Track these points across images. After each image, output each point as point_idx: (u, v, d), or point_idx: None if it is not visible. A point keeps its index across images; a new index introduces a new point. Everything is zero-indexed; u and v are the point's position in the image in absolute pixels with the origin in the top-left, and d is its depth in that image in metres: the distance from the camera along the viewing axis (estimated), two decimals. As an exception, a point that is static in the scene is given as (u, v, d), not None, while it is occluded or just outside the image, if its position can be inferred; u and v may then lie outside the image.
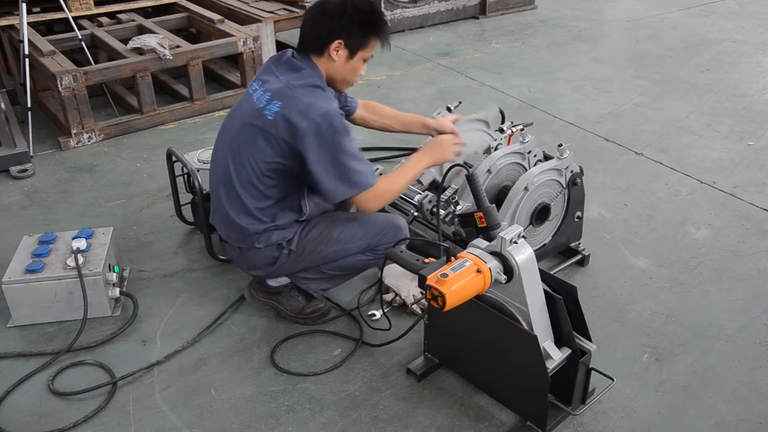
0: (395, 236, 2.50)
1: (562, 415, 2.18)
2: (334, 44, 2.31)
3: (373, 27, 2.36)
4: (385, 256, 2.26)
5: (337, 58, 2.34)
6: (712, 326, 2.64)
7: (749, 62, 5.51)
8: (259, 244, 2.46)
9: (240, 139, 2.38)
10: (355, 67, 2.41)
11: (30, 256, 2.68)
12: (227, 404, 2.31)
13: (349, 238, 2.49)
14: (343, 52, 2.34)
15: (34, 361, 2.48)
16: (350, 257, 2.53)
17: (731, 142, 4.16)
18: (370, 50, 2.41)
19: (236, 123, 2.43)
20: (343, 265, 2.55)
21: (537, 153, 2.91)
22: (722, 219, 3.35)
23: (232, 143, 2.42)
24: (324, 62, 2.36)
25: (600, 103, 4.73)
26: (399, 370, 2.44)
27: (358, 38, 2.34)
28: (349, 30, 2.31)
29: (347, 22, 2.30)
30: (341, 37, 2.31)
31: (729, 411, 2.27)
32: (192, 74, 4.45)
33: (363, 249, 2.52)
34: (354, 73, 2.44)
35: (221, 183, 2.47)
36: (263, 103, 2.32)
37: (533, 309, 2.01)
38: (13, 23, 4.65)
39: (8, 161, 3.82)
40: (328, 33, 2.31)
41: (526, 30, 6.38)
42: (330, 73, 2.39)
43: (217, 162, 2.52)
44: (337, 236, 2.48)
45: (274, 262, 2.51)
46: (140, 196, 3.58)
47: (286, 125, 2.26)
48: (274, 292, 2.64)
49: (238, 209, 2.42)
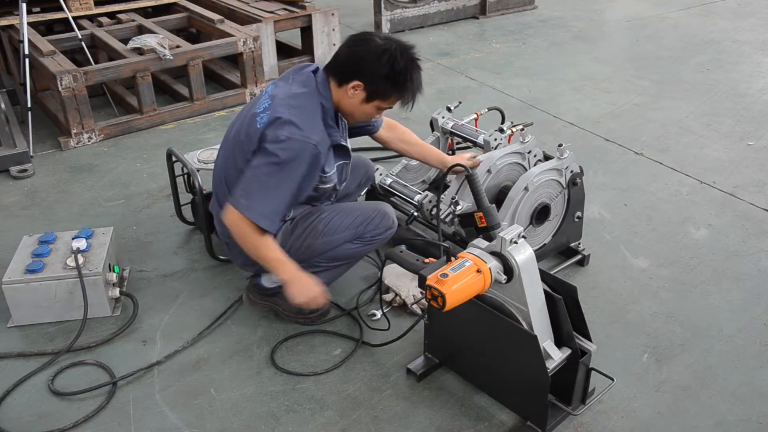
0: (381, 223, 2.51)
1: (562, 415, 2.18)
2: (353, 83, 2.28)
3: (399, 87, 2.31)
4: (385, 256, 2.26)
5: (353, 97, 2.32)
6: (712, 326, 2.64)
7: (749, 62, 5.51)
8: None
9: (237, 139, 2.41)
10: (368, 112, 2.38)
11: (30, 256, 2.68)
12: (227, 404, 2.31)
13: (334, 229, 2.48)
14: (361, 93, 2.31)
15: (34, 361, 2.48)
16: (339, 248, 2.51)
17: (731, 142, 4.16)
18: (390, 104, 2.38)
19: (239, 122, 2.48)
20: (334, 255, 2.53)
21: (537, 153, 2.91)
22: (722, 219, 3.35)
23: (232, 142, 2.46)
24: (340, 92, 2.34)
25: (600, 103, 4.73)
26: (399, 370, 2.44)
27: (381, 89, 2.30)
28: (375, 79, 2.27)
29: (377, 70, 2.25)
30: (363, 80, 2.27)
31: (729, 411, 2.27)
32: (192, 74, 4.45)
33: (350, 238, 2.50)
34: (365, 116, 2.42)
35: (220, 179, 2.53)
36: (261, 108, 2.33)
37: (533, 309, 2.01)
38: (13, 23, 4.65)
39: (8, 161, 3.82)
40: (354, 70, 2.27)
41: (526, 30, 6.38)
42: (341, 106, 2.37)
43: (219, 157, 2.58)
44: (322, 229, 2.47)
45: None
46: (140, 196, 3.58)
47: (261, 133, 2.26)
48: (271, 294, 2.63)
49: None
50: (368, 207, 2.57)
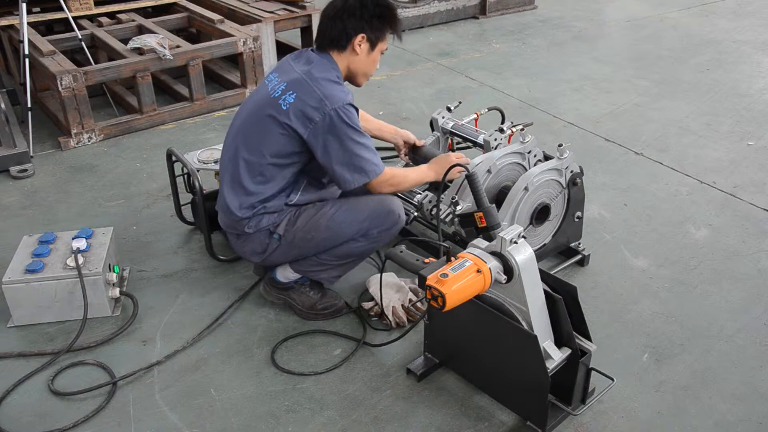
0: (387, 220, 2.50)
1: (562, 415, 2.18)
2: (358, 38, 2.42)
3: (389, 19, 2.48)
4: (385, 256, 2.26)
5: (360, 52, 2.46)
6: (712, 326, 2.64)
7: (749, 62, 5.51)
8: (248, 228, 2.49)
9: (251, 126, 2.45)
10: (375, 59, 2.52)
11: (30, 256, 2.68)
12: (227, 404, 2.31)
13: (338, 225, 2.48)
14: (365, 45, 2.45)
15: (34, 361, 2.48)
16: (343, 245, 2.52)
17: (731, 142, 4.16)
18: (386, 42, 2.52)
19: (249, 110, 2.51)
20: (339, 253, 2.54)
21: (537, 153, 2.91)
22: (722, 219, 3.35)
23: (242, 129, 2.49)
24: (345, 57, 2.46)
25: (600, 103, 4.73)
26: (399, 370, 2.44)
27: (378, 31, 2.46)
28: (371, 23, 2.43)
29: (369, 15, 2.42)
30: (364, 30, 2.42)
31: (729, 411, 2.27)
32: (192, 74, 4.45)
33: (355, 235, 2.50)
34: (374, 65, 2.56)
35: (228, 167, 2.53)
36: (278, 93, 2.39)
37: (533, 309, 2.01)
38: (13, 23, 4.65)
39: (8, 161, 3.82)
40: (353, 27, 2.42)
41: (526, 30, 6.38)
42: (352, 67, 2.50)
43: (227, 146, 2.58)
44: (326, 224, 2.48)
45: (265, 249, 2.53)
46: (140, 196, 3.58)
47: (300, 116, 2.34)
48: (285, 288, 2.67)
49: (238, 193, 2.48)
50: (373, 204, 2.54)
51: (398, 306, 2.63)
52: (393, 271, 2.78)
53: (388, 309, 2.61)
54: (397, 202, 2.57)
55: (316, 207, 2.52)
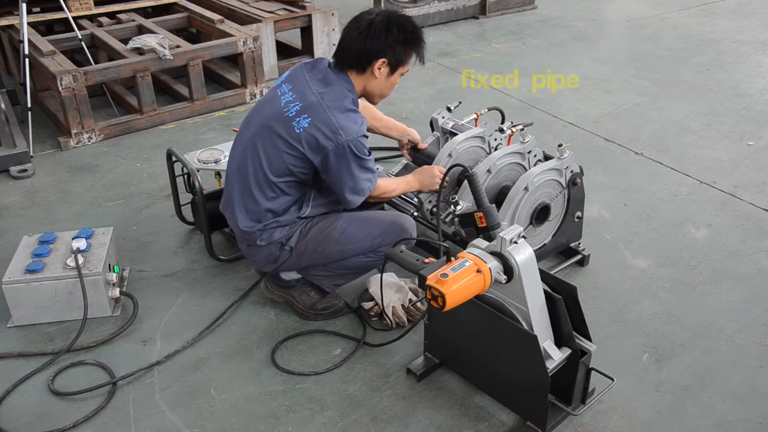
0: (398, 238, 2.50)
1: (562, 415, 2.18)
2: (378, 62, 2.39)
3: (414, 45, 2.44)
4: (385, 256, 2.26)
5: (379, 75, 2.43)
6: (712, 326, 2.64)
7: (749, 62, 5.51)
8: (261, 241, 2.49)
9: (262, 139, 2.42)
10: (394, 82, 2.50)
11: (30, 256, 2.68)
12: (227, 404, 2.31)
13: (350, 240, 2.50)
14: (385, 69, 2.42)
15: (34, 361, 2.48)
16: (352, 258, 2.55)
17: (731, 142, 4.16)
18: (408, 66, 2.48)
19: (260, 123, 2.46)
20: (347, 265, 2.57)
21: (537, 153, 2.91)
22: (722, 219, 3.35)
23: (254, 140, 2.45)
24: (364, 79, 2.43)
25: (600, 103, 4.73)
26: (399, 370, 2.44)
27: (402, 56, 2.42)
28: (394, 50, 2.39)
29: (393, 41, 2.38)
30: (386, 55, 2.39)
31: (729, 411, 2.27)
32: (192, 74, 4.45)
33: (365, 250, 2.53)
34: (391, 88, 2.53)
35: (236, 177, 2.51)
36: (292, 113, 2.36)
37: (533, 309, 2.00)
38: (13, 23, 4.65)
39: (8, 161, 3.82)
40: (375, 51, 2.37)
41: (526, 30, 6.38)
42: (369, 89, 2.48)
43: (235, 154, 2.55)
44: (337, 237, 2.49)
45: (276, 259, 2.53)
46: (140, 196, 3.58)
47: (312, 142, 2.33)
48: (287, 286, 2.68)
49: (248, 207, 2.47)
50: (387, 220, 2.58)
51: (398, 306, 2.63)
52: (393, 271, 2.78)
53: (388, 309, 2.61)
54: (410, 221, 2.60)
55: (328, 220, 2.53)
